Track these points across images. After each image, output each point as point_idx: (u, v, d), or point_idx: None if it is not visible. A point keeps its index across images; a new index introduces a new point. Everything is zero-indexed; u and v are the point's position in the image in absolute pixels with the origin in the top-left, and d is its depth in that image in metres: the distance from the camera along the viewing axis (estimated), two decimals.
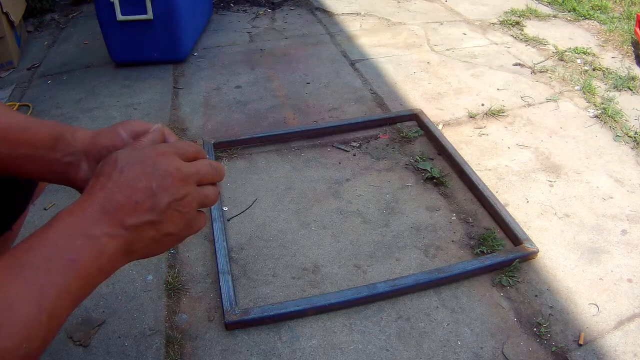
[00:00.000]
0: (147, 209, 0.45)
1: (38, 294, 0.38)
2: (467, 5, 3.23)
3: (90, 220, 0.43)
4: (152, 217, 0.45)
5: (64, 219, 0.43)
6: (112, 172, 0.46)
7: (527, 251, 1.36)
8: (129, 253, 0.45)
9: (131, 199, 0.45)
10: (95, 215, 0.44)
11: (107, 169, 0.47)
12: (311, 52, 2.63)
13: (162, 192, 0.46)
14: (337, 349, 1.16)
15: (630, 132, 1.90)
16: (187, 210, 0.48)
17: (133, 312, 1.25)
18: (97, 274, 0.43)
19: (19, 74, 2.50)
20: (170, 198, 0.46)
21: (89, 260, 0.42)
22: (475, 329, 1.20)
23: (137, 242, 0.45)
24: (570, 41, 2.67)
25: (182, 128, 2.00)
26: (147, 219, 0.45)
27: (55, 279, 0.39)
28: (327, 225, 1.51)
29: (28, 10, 2.95)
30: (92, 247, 0.42)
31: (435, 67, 2.43)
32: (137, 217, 0.45)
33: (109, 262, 0.44)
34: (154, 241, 0.47)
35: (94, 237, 0.42)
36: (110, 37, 2.36)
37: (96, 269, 0.43)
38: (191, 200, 0.48)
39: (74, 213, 0.44)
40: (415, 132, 1.92)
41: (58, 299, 0.39)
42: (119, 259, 0.45)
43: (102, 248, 0.43)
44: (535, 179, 1.69)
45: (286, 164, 1.79)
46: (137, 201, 0.45)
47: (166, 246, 0.49)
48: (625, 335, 1.18)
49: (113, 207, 0.44)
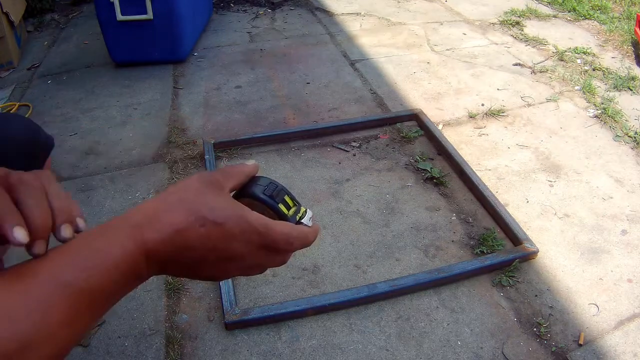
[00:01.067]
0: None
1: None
2: (467, 5, 3.23)
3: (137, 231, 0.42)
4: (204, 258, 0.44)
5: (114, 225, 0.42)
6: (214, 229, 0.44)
7: (527, 251, 1.36)
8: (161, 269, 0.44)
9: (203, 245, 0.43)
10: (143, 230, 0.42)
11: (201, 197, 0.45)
12: (311, 52, 2.63)
13: (232, 260, 0.45)
14: (337, 349, 1.16)
15: (630, 132, 1.90)
16: (243, 265, 0.47)
17: (133, 312, 1.25)
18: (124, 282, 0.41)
19: (19, 74, 2.50)
20: (239, 264, 0.46)
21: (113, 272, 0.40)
22: (475, 329, 1.20)
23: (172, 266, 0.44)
24: (570, 41, 2.67)
25: (182, 128, 2.00)
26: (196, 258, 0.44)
27: (94, 278, 0.38)
28: (327, 225, 1.51)
29: (28, 10, 2.95)
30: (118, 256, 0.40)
31: (435, 67, 2.43)
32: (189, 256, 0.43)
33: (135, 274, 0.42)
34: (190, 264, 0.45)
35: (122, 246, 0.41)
36: (110, 37, 2.36)
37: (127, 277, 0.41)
38: (253, 265, 0.47)
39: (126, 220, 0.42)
40: (415, 132, 1.92)
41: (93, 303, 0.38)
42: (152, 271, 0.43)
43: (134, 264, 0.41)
44: (535, 179, 1.69)
45: (286, 164, 1.78)
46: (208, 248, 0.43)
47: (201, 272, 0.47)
48: (625, 335, 1.18)
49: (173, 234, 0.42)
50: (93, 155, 1.85)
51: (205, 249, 0.42)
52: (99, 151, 1.88)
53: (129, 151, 1.87)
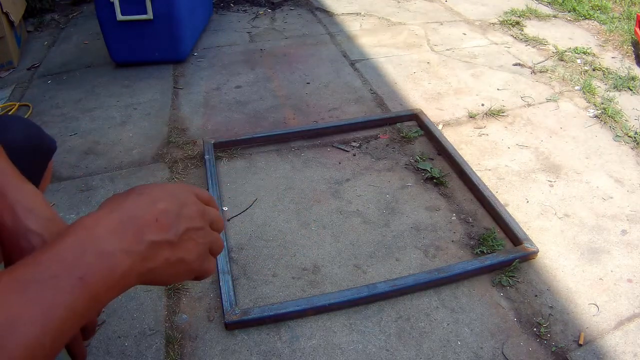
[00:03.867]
0: (167, 228, 0.45)
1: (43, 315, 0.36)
2: (467, 5, 3.23)
3: (104, 235, 0.41)
4: (170, 237, 0.45)
5: (75, 232, 0.41)
6: (131, 194, 0.45)
7: (527, 251, 1.36)
8: (141, 274, 0.44)
9: (152, 215, 0.44)
10: (111, 230, 0.42)
11: (124, 193, 0.46)
12: (311, 52, 2.63)
13: (181, 217, 0.46)
14: (337, 349, 1.16)
15: (630, 132, 1.90)
16: (201, 242, 0.48)
17: (133, 312, 1.25)
18: (105, 293, 0.41)
19: (19, 74, 2.50)
20: (189, 224, 0.46)
21: (99, 278, 0.40)
22: (475, 329, 1.20)
23: (151, 262, 0.44)
24: (570, 41, 2.67)
25: (182, 128, 2.00)
26: (165, 237, 0.44)
27: (62, 298, 0.38)
28: (327, 225, 1.51)
29: (28, 10, 2.95)
30: (104, 264, 0.40)
31: (435, 67, 2.43)
32: (156, 234, 0.44)
33: (120, 280, 0.42)
34: (167, 264, 0.45)
35: (107, 254, 0.41)
36: (110, 37, 2.36)
37: (106, 287, 0.40)
38: (205, 234, 0.49)
39: (87, 227, 0.42)
40: (415, 132, 1.92)
41: (63, 320, 0.37)
42: (132, 278, 0.43)
43: (115, 265, 0.41)
44: (535, 179, 1.69)
45: (286, 164, 1.79)
46: (157, 219, 0.44)
47: (177, 274, 0.47)
48: (625, 335, 1.18)
49: (133, 221, 0.43)
50: (93, 155, 1.85)
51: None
52: (98, 151, 1.88)
53: (128, 151, 1.87)
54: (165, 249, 0.45)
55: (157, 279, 0.46)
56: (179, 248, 0.46)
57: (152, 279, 0.46)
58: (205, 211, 0.49)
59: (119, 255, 0.41)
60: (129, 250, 0.42)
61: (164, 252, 0.45)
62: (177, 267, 0.47)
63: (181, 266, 0.47)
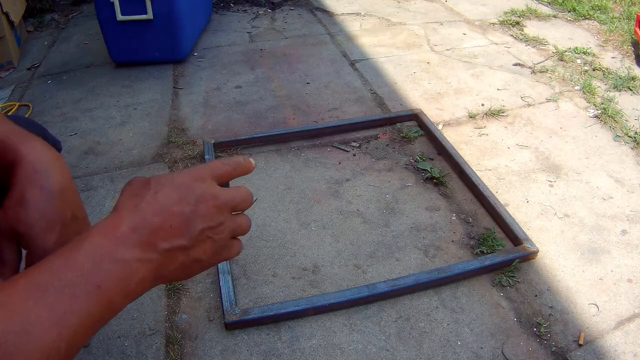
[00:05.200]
0: (181, 233, 0.44)
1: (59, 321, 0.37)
2: (467, 5, 3.23)
3: (121, 243, 0.41)
4: (185, 242, 0.44)
5: (92, 239, 0.41)
6: (146, 194, 0.45)
7: (527, 251, 1.36)
8: (156, 278, 0.44)
9: (166, 222, 0.43)
10: (126, 238, 0.42)
11: (141, 190, 0.45)
12: (311, 52, 2.63)
13: (196, 218, 0.45)
14: (337, 349, 1.16)
15: (630, 132, 1.90)
16: (219, 237, 0.48)
17: (133, 312, 1.25)
18: (122, 300, 0.41)
19: (19, 74, 2.50)
20: (205, 224, 0.46)
21: (116, 286, 0.40)
22: (475, 329, 1.20)
23: (166, 268, 0.44)
24: (570, 41, 2.67)
25: (182, 128, 2.00)
26: (180, 243, 0.44)
27: (79, 305, 0.38)
28: (327, 225, 1.51)
29: (28, 10, 2.95)
30: (121, 272, 0.41)
31: (435, 67, 2.43)
32: (170, 242, 0.44)
33: (136, 287, 0.42)
34: (182, 267, 0.46)
35: (123, 262, 0.41)
36: (110, 37, 2.36)
37: (122, 295, 0.41)
38: (224, 228, 0.48)
39: (104, 234, 0.42)
40: (415, 132, 1.92)
41: (79, 327, 0.38)
42: (147, 284, 0.43)
43: (131, 273, 0.41)
44: (535, 179, 1.69)
45: (286, 164, 1.79)
46: (171, 225, 0.44)
47: (193, 272, 0.48)
48: (625, 335, 1.18)
49: (147, 229, 0.43)
50: (93, 155, 1.85)
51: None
52: (98, 151, 1.88)
53: (128, 151, 1.87)
54: (180, 254, 0.45)
55: (173, 279, 0.47)
56: (194, 250, 0.46)
57: (168, 280, 0.46)
58: (223, 203, 0.48)
59: (135, 264, 0.42)
60: (144, 259, 0.42)
61: (178, 257, 0.45)
62: (193, 266, 0.47)
63: (197, 265, 0.47)
